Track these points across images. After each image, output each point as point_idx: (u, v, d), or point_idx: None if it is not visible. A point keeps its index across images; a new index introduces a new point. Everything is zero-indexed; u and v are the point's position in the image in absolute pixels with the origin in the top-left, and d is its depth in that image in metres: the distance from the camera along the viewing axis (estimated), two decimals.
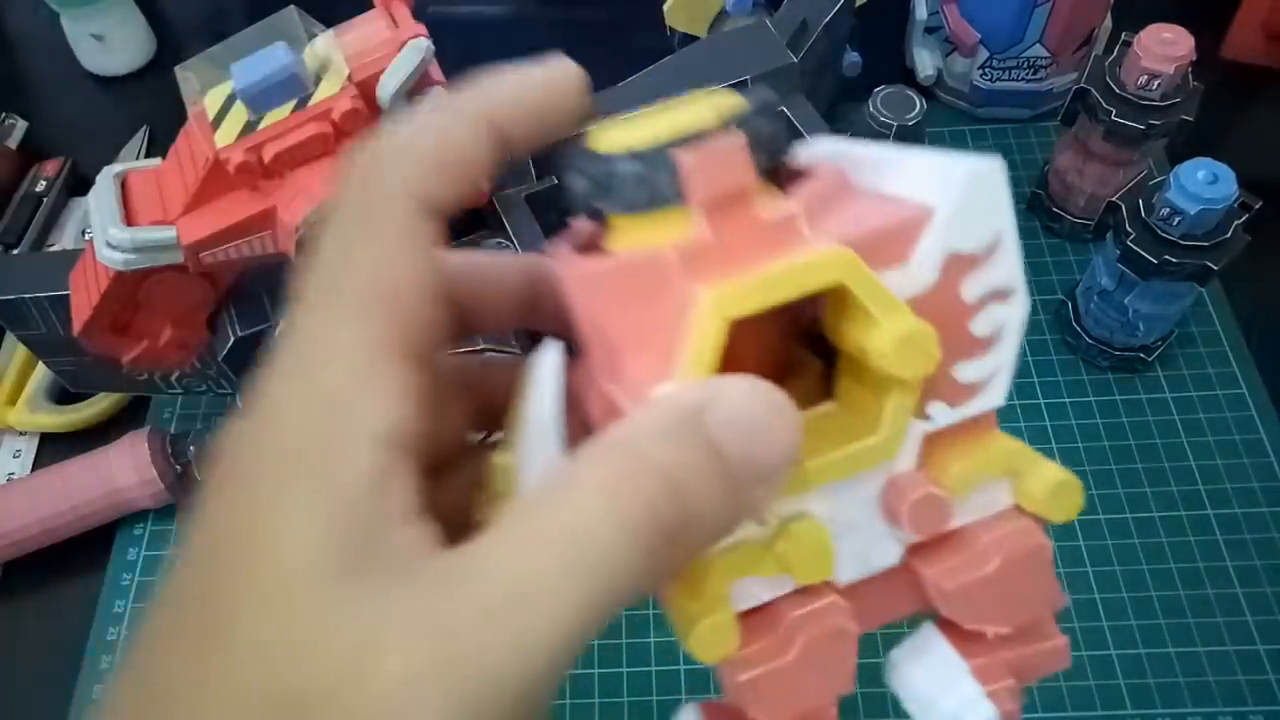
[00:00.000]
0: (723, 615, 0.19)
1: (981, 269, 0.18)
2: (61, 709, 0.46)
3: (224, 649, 0.15)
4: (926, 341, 0.17)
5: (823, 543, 0.19)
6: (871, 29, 0.61)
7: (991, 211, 0.18)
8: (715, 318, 0.17)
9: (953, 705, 0.21)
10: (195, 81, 0.37)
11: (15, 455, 0.53)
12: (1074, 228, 0.58)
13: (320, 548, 0.15)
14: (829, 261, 0.17)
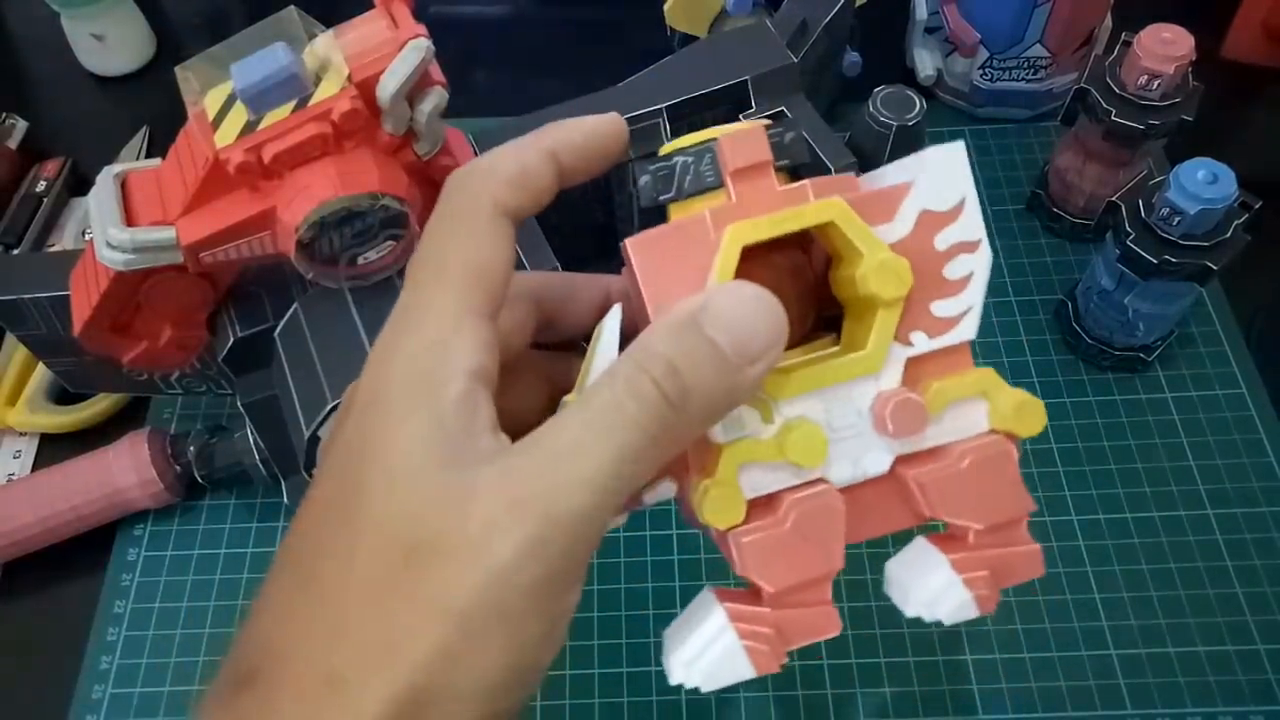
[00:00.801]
0: (728, 488, 0.23)
1: (950, 225, 0.23)
2: (61, 709, 0.46)
3: (362, 516, 0.22)
4: (900, 267, 0.23)
5: (817, 434, 0.23)
6: (871, 29, 0.61)
7: (956, 180, 0.23)
8: (734, 242, 0.23)
9: (932, 588, 0.24)
10: (195, 81, 0.37)
11: (15, 455, 0.53)
12: (1074, 228, 0.58)
13: (427, 448, 0.21)
14: (825, 206, 0.23)
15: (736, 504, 0.23)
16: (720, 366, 0.21)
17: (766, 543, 0.23)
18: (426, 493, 0.21)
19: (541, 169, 0.25)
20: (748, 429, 0.24)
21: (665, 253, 0.24)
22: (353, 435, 0.23)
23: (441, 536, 0.21)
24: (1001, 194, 0.61)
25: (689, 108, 0.45)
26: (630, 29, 0.71)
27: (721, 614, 0.24)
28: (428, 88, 0.36)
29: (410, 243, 0.38)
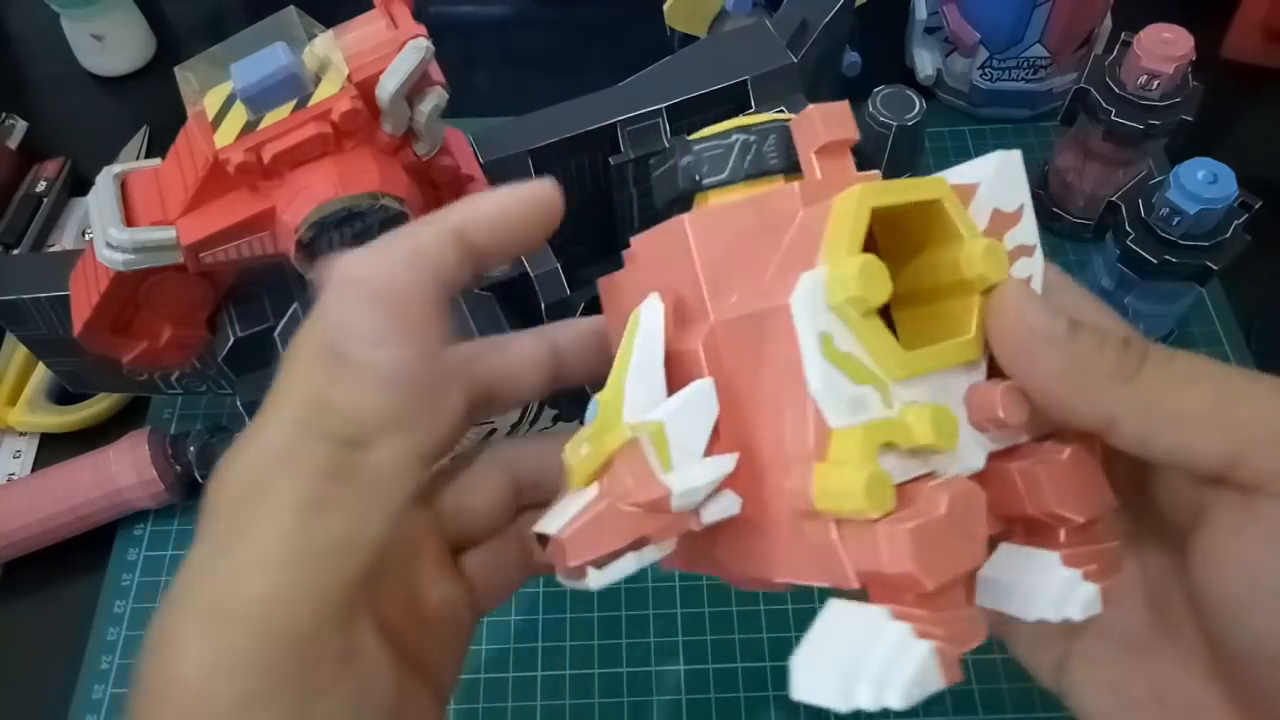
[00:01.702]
0: (879, 469, 0.20)
1: (1015, 227, 0.23)
2: (61, 709, 0.46)
3: None
4: (1002, 252, 0.22)
5: (947, 413, 0.21)
6: (871, 29, 0.61)
7: (1018, 184, 0.23)
8: (861, 205, 0.20)
9: (1055, 588, 0.22)
10: (195, 81, 0.37)
11: (15, 455, 0.53)
12: (1074, 228, 0.58)
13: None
14: (935, 183, 0.22)
15: (889, 487, 0.20)
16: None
17: (926, 531, 0.20)
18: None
19: (437, 247, 0.23)
20: (870, 411, 0.21)
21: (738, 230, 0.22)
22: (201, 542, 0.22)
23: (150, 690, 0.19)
24: None
25: (689, 108, 0.45)
26: (630, 29, 0.71)
27: (894, 624, 0.20)
28: (428, 88, 0.36)
29: None
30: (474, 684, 0.46)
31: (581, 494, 0.22)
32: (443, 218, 0.23)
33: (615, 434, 0.21)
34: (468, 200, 0.24)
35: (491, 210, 0.23)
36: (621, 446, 0.21)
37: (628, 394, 0.22)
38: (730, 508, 0.22)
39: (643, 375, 0.22)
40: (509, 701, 0.45)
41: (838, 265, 0.20)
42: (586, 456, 0.22)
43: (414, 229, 0.23)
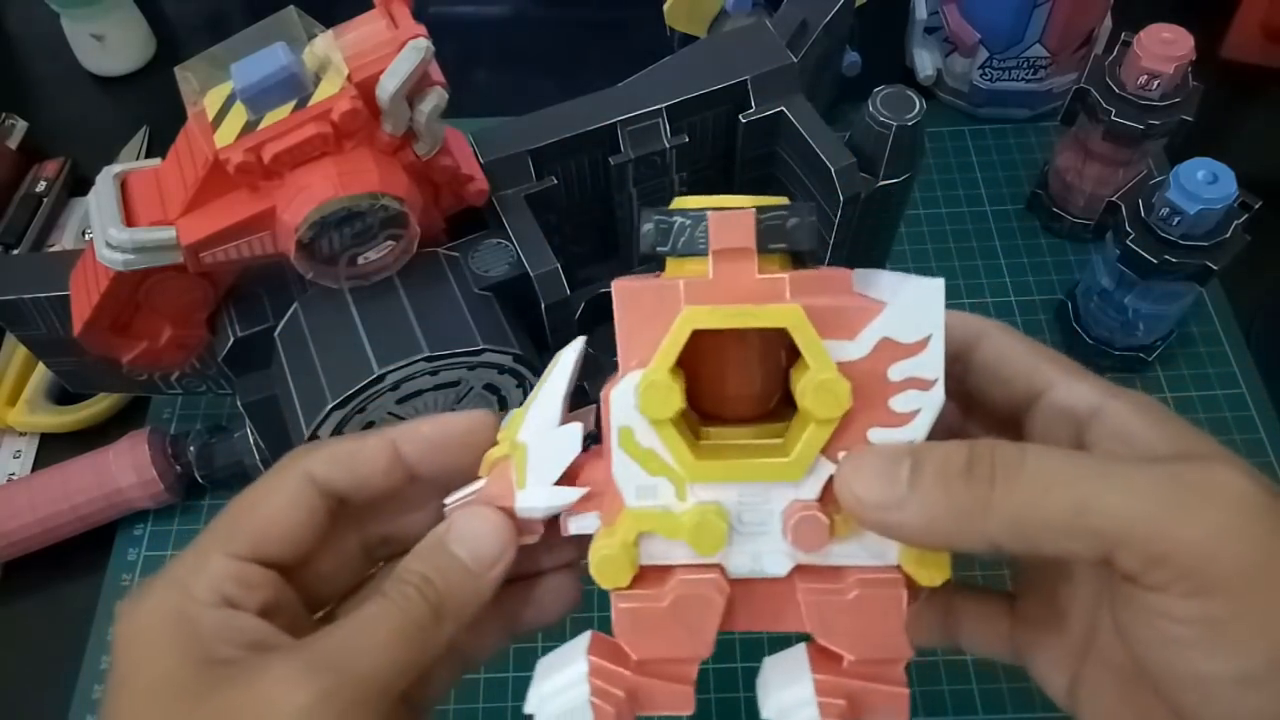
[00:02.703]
0: (621, 551, 0.25)
1: (909, 359, 0.23)
2: (61, 709, 0.46)
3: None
4: (838, 391, 0.23)
5: (718, 523, 0.24)
6: (871, 29, 0.61)
7: (929, 316, 0.23)
8: (685, 325, 0.23)
9: (788, 701, 0.25)
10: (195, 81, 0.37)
11: (15, 455, 0.53)
12: (1074, 228, 0.58)
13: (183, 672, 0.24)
14: (780, 313, 0.23)
15: (624, 567, 0.25)
16: (464, 573, 0.26)
17: (641, 614, 0.25)
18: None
19: (373, 454, 0.27)
20: (660, 499, 0.25)
21: (642, 307, 0.24)
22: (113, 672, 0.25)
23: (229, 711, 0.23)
24: (1001, 194, 0.61)
25: (689, 108, 0.45)
26: (630, 29, 0.71)
27: (584, 666, 0.26)
28: (428, 88, 0.36)
29: (410, 243, 0.38)
30: (474, 684, 0.46)
31: (476, 483, 0.27)
32: (383, 430, 0.28)
33: (502, 446, 0.26)
34: (410, 421, 0.28)
35: (427, 430, 0.28)
36: (498, 459, 0.26)
37: (528, 415, 0.26)
38: (589, 526, 0.26)
39: (544, 402, 0.26)
40: (509, 701, 0.45)
41: (645, 374, 0.23)
42: (487, 455, 0.27)
43: (360, 434, 0.28)
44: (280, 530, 0.27)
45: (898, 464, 0.23)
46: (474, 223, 0.42)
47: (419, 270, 0.40)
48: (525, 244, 0.41)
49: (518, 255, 0.41)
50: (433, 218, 0.40)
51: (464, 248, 0.41)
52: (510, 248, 0.41)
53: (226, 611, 0.25)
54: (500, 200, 0.42)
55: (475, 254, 0.41)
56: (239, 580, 0.26)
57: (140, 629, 0.25)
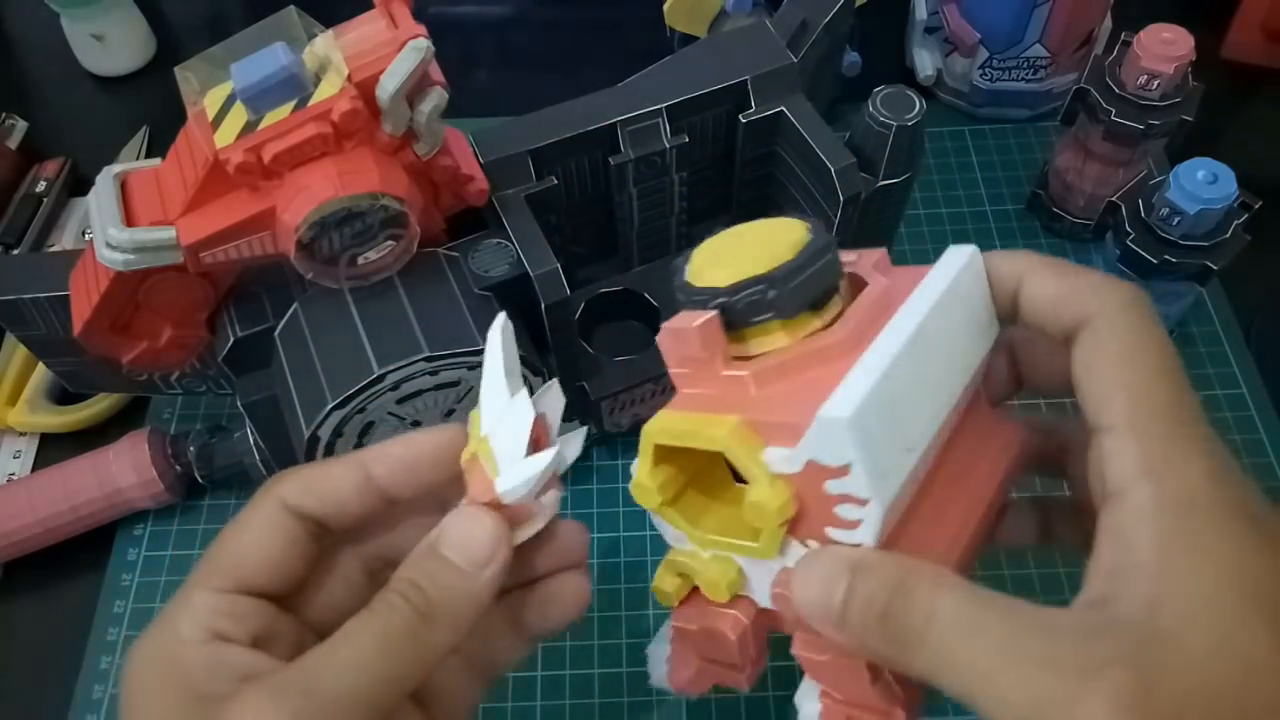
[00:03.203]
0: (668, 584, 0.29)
1: (837, 479, 0.23)
2: (61, 709, 0.46)
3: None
4: (769, 511, 0.24)
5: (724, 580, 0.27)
6: (871, 29, 0.61)
7: (843, 448, 0.23)
8: (648, 440, 0.27)
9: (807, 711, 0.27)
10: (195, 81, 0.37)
11: (15, 455, 0.53)
12: (1074, 228, 0.58)
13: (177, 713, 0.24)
14: (719, 436, 0.24)
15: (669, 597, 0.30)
16: (458, 577, 0.26)
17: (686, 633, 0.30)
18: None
19: (341, 478, 0.28)
20: (687, 544, 0.28)
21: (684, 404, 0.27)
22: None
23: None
24: (1001, 194, 0.61)
25: (689, 108, 0.45)
26: (630, 29, 0.71)
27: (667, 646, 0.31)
28: (428, 88, 0.36)
29: (410, 243, 0.38)
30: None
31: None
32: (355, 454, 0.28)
33: (469, 449, 0.27)
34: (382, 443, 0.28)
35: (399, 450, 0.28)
36: (467, 461, 0.27)
37: (483, 410, 0.27)
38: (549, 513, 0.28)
39: (490, 390, 0.27)
40: (509, 702, 0.45)
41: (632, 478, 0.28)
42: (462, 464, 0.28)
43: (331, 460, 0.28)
44: (259, 559, 0.27)
45: (835, 584, 0.23)
46: (474, 223, 0.42)
47: (419, 270, 0.40)
48: (525, 244, 0.41)
49: (518, 255, 0.41)
50: (433, 218, 0.40)
51: (464, 248, 0.41)
52: (510, 248, 0.41)
53: (214, 646, 0.25)
54: (500, 200, 0.42)
55: (475, 254, 0.41)
56: (225, 613, 0.26)
57: (137, 675, 0.25)
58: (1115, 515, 0.22)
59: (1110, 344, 0.24)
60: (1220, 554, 0.21)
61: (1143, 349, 0.24)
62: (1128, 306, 0.24)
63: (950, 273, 0.27)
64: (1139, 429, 0.23)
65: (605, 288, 0.51)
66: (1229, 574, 0.21)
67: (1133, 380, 0.23)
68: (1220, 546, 0.21)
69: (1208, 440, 0.22)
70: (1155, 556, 0.21)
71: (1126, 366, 0.23)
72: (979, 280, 0.28)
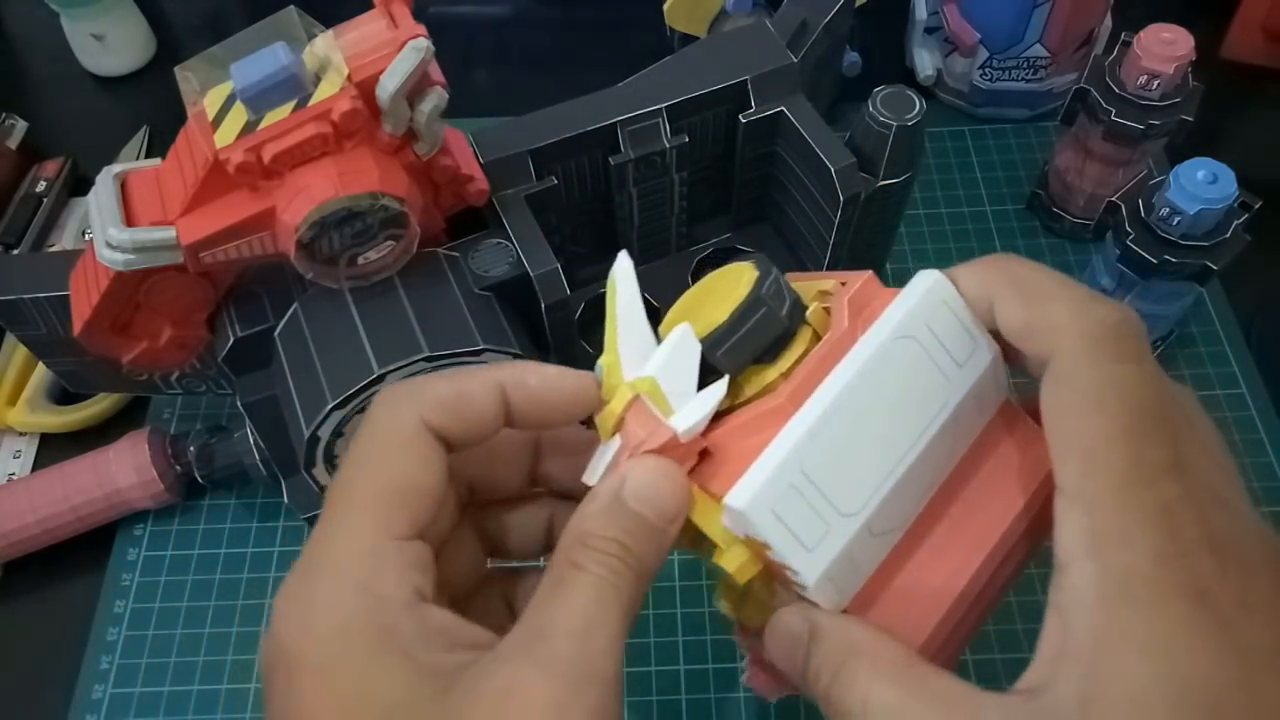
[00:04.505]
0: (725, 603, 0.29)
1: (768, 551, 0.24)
2: (61, 709, 0.46)
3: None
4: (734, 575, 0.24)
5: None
6: (871, 29, 0.61)
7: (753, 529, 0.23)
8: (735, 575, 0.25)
9: None
10: (195, 81, 0.37)
11: (15, 455, 0.53)
12: (1074, 228, 0.58)
13: (413, 691, 0.21)
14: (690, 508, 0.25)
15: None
16: (652, 532, 0.24)
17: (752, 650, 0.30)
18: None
19: (483, 398, 0.25)
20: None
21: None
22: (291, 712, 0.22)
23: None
24: (1001, 194, 0.61)
25: (689, 108, 0.45)
26: (630, 29, 0.71)
27: None
28: (428, 88, 0.36)
29: (410, 243, 0.38)
30: None
31: (608, 446, 0.25)
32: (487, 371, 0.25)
33: (620, 394, 0.25)
34: (514, 365, 0.26)
35: (535, 381, 0.26)
36: (626, 405, 0.25)
37: (621, 355, 0.25)
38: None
39: (629, 334, 0.26)
40: None
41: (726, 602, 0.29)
42: (604, 415, 0.25)
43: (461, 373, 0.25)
44: (427, 497, 0.24)
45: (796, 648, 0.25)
46: (474, 223, 0.42)
47: (419, 270, 0.40)
48: (525, 244, 0.41)
49: (518, 255, 0.41)
50: (433, 218, 0.40)
51: (464, 248, 0.41)
52: (510, 248, 0.41)
53: (422, 609, 0.22)
54: (500, 200, 0.42)
55: (475, 254, 0.41)
56: (417, 566, 0.23)
57: (329, 652, 0.22)
58: (1059, 593, 0.21)
59: (1069, 394, 0.22)
60: (1155, 649, 0.19)
61: (1103, 399, 0.22)
62: (1096, 341, 0.22)
63: (905, 306, 0.25)
64: (1088, 498, 0.21)
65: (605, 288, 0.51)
66: (1163, 672, 0.19)
67: (1088, 439, 0.22)
68: (1156, 641, 0.20)
69: (1162, 511, 0.21)
70: (1089, 645, 0.20)
71: (1083, 421, 0.22)
72: (945, 307, 0.25)
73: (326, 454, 0.40)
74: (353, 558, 0.23)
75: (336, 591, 0.22)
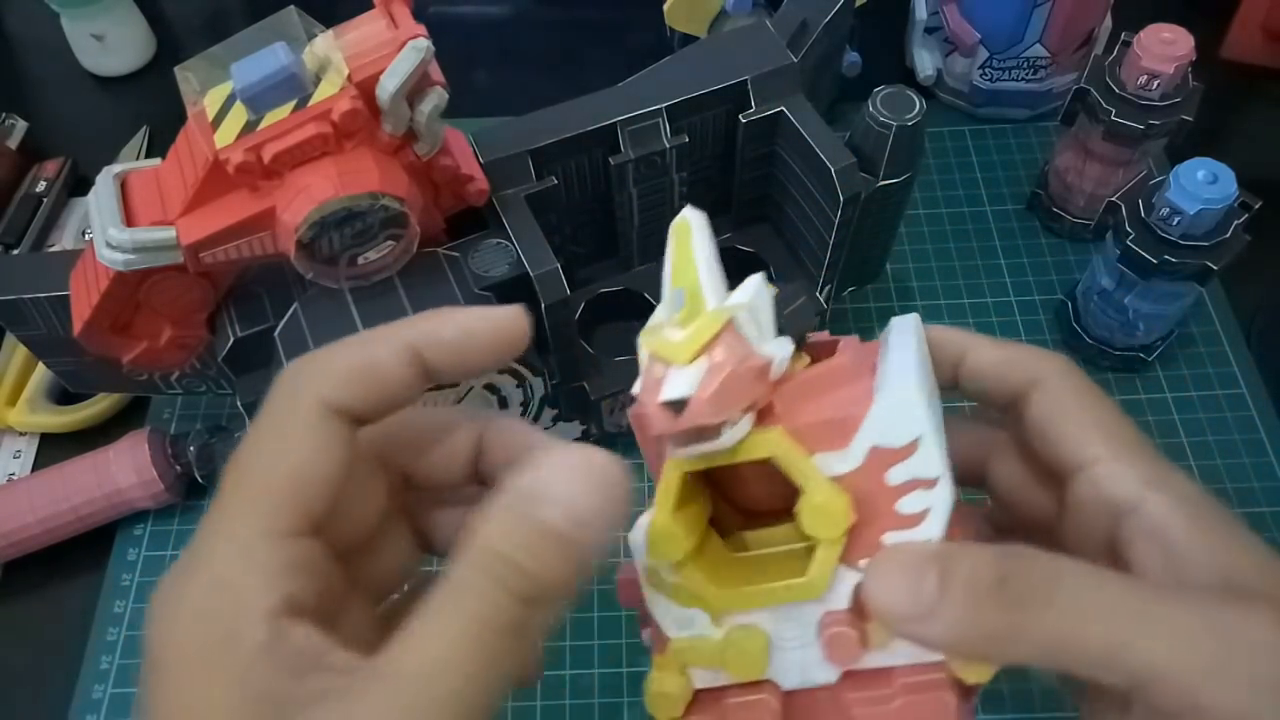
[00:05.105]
0: (672, 685, 0.25)
1: (903, 462, 0.22)
2: (61, 709, 0.46)
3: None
4: (836, 510, 0.22)
5: (753, 649, 0.24)
6: (871, 29, 0.61)
7: (910, 421, 0.22)
8: (673, 469, 0.23)
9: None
10: (195, 81, 0.37)
11: (15, 455, 0.53)
12: (1074, 228, 0.58)
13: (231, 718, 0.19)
14: (762, 442, 0.22)
15: (676, 701, 0.25)
16: (562, 547, 0.20)
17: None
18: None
19: (392, 366, 0.22)
20: (697, 628, 0.25)
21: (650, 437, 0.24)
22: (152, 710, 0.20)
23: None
24: (1001, 194, 0.61)
25: (689, 108, 0.45)
26: (630, 29, 0.71)
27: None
28: (428, 88, 0.36)
29: (410, 243, 0.38)
30: None
31: (688, 369, 0.22)
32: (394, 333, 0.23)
33: (710, 318, 0.22)
34: (425, 316, 0.23)
35: (450, 333, 0.23)
36: (724, 326, 0.22)
37: (705, 286, 0.23)
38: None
39: (710, 270, 0.24)
40: (509, 701, 0.45)
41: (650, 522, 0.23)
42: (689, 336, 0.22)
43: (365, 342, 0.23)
44: (319, 486, 0.21)
45: (923, 573, 0.21)
46: (474, 223, 0.42)
47: (419, 270, 0.40)
48: (525, 244, 0.41)
49: (518, 255, 0.41)
50: (433, 218, 0.40)
51: (464, 248, 0.41)
52: (510, 248, 0.41)
53: (281, 625, 0.20)
54: (500, 200, 0.42)
55: (475, 254, 0.41)
56: (297, 568, 0.21)
57: (176, 656, 0.20)
58: (1140, 522, 0.24)
59: (1071, 395, 0.26)
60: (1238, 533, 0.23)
61: (1098, 399, 0.26)
62: (1070, 370, 0.26)
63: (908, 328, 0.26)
64: (1127, 457, 0.24)
65: (605, 288, 0.51)
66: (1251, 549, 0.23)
67: (1105, 422, 0.25)
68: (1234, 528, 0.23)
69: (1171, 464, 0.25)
70: (1200, 541, 0.23)
71: (1094, 411, 0.25)
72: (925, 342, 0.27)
73: None
74: (221, 555, 0.20)
75: (198, 589, 0.20)
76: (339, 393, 0.22)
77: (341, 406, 0.22)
